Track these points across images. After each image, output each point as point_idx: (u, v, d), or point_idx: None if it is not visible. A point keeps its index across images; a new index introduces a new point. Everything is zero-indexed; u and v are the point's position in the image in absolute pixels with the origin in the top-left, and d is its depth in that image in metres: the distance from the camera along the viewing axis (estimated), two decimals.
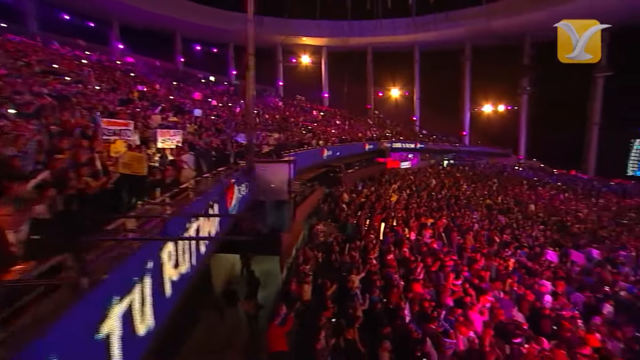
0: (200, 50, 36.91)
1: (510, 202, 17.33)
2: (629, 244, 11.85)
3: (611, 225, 14.46)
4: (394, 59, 38.98)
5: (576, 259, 9.86)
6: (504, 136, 35.75)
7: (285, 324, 5.54)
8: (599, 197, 20.18)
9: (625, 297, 7.90)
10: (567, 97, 32.55)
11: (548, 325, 6.76)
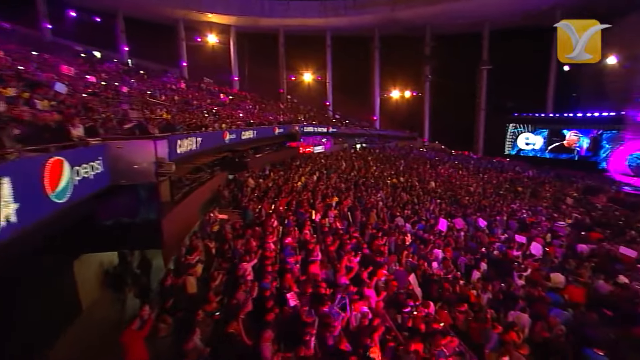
0: (76, 17, 31.04)
1: (414, 181, 18.60)
2: (503, 210, 13.64)
3: (492, 196, 16.57)
4: (306, 43, 38.86)
5: (459, 226, 10.87)
6: (410, 120, 38.98)
7: (143, 328, 4.62)
8: (485, 173, 23.13)
9: (496, 255, 8.89)
10: (460, 86, 36.80)
11: (435, 290, 7.13)
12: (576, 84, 31.43)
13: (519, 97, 33.81)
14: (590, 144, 29.74)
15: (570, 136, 30.87)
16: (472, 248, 9.30)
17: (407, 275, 7.60)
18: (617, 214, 15.56)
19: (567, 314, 6.40)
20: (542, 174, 24.43)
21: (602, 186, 21.62)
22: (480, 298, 6.93)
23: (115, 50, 31.86)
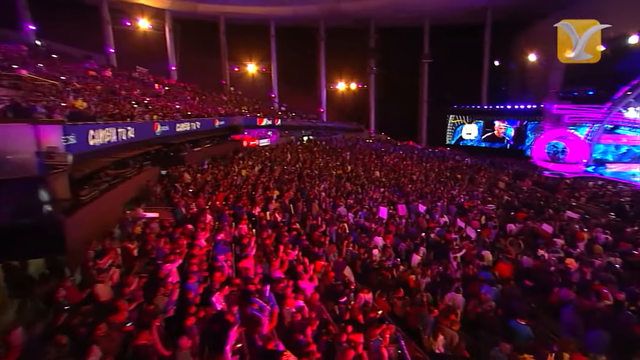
0: None
1: (359, 171, 18.78)
2: (444, 196, 14.23)
3: (433, 183, 17.27)
4: (250, 33, 37.48)
5: (402, 212, 11.06)
6: (357, 112, 39.61)
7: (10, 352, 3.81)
8: (427, 162, 24.18)
9: (434, 239, 9.13)
10: (404, 78, 38.12)
11: (374, 277, 7.04)
12: (505, 78, 34.20)
13: (458, 89, 35.99)
14: (515, 133, 32.59)
15: (499, 126, 33.62)
16: (412, 234, 9.45)
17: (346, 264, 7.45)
18: (539, 195, 17.06)
19: (496, 289, 6.67)
20: (478, 162, 26.15)
21: (527, 171, 23.70)
22: (419, 282, 6.98)
23: (16, 29, 27.61)
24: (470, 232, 9.63)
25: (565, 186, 19.51)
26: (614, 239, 10.50)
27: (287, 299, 5.53)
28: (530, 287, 7.43)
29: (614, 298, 6.85)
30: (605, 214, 13.90)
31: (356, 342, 4.60)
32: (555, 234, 10.50)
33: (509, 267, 7.90)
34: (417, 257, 7.92)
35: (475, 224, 11.03)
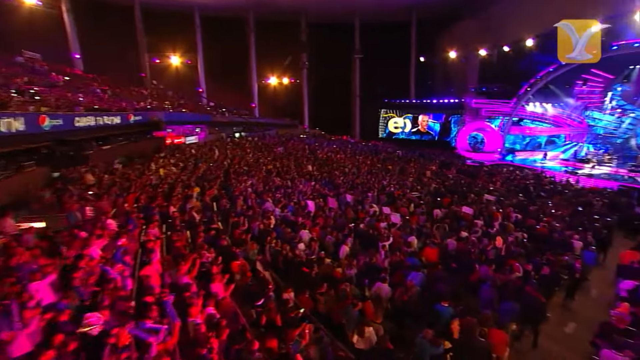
0: None
1: (290, 165, 18.31)
2: (374, 187, 14.39)
3: (365, 175, 17.49)
4: (171, 22, 34.55)
5: (332, 205, 10.82)
6: (290, 108, 39.10)
7: None
8: (360, 155, 24.64)
9: (363, 229, 8.99)
10: (337, 73, 38.55)
11: (298, 274, 6.57)
12: (431, 74, 36.48)
13: (388, 84, 37.52)
14: (441, 127, 35.05)
15: (422, 120, 35.87)
16: (341, 225, 9.19)
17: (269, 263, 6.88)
18: (462, 182, 18.30)
19: (422, 275, 6.64)
20: (409, 154, 27.45)
21: (453, 161, 25.49)
22: (346, 275, 6.67)
23: None
24: (394, 219, 9.69)
25: (484, 173, 21.28)
26: (522, 217, 11.50)
27: (192, 308, 4.76)
28: (455, 268, 7.61)
29: (524, 270, 7.31)
30: (515, 195, 15.30)
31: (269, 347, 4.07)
32: (475, 215, 11.12)
33: (435, 251, 8.02)
34: (345, 249, 7.64)
35: (404, 211, 11.21)
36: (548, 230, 10.36)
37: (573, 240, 9.51)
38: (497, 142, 29.21)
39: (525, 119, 28.91)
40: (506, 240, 8.71)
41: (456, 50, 31.69)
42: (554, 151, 27.63)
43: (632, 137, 24.57)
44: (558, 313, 7.66)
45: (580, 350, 6.23)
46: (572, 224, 11.27)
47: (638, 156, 23.05)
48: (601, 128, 26.06)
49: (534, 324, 6.36)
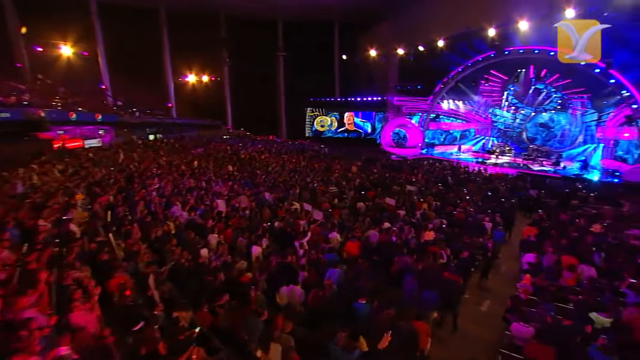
0: None
1: (209, 166, 16.93)
2: (297, 184, 13.84)
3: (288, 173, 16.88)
4: (58, 5, 29.35)
5: (244, 204, 9.97)
6: (212, 108, 36.77)
7: None
8: (286, 154, 24.07)
9: (279, 227, 8.32)
10: (260, 71, 37.28)
11: (198, 284, 5.60)
12: (355, 73, 37.30)
13: (314, 83, 37.41)
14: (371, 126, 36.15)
15: (348, 118, 36.71)
16: (255, 225, 8.38)
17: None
18: (387, 175, 18.78)
19: (340, 271, 6.16)
20: (335, 151, 27.64)
21: (378, 156, 26.29)
22: (257, 280, 5.89)
23: None
24: (316, 215, 9.22)
25: (407, 166, 22.25)
26: (441, 204, 11.96)
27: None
28: (377, 261, 7.33)
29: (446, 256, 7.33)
30: (435, 185, 16.09)
31: None
32: (398, 206, 11.22)
33: (356, 244, 7.67)
34: (257, 250, 6.85)
35: (326, 206, 10.83)
36: (464, 215, 10.86)
37: (485, 222, 10.04)
38: (418, 137, 31.03)
39: (441, 115, 31.19)
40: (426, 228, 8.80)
41: (376, 49, 32.87)
42: (467, 144, 30.30)
43: (523, 131, 28.04)
44: (475, 293, 7.89)
45: (495, 326, 6.38)
46: (483, 208, 12.03)
47: (528, 147, 26.36)
48: (501, 123, 29.29)
49: (452, 308, 6.33)
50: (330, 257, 6.64)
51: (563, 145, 25.94)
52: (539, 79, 25.69)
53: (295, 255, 6.73)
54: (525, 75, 26.32)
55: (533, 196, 15.28)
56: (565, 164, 23.57)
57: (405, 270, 6.49)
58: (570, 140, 25.70)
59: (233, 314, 4.71)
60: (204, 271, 5.74)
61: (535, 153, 25.34)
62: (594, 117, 24.17)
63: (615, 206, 13.40)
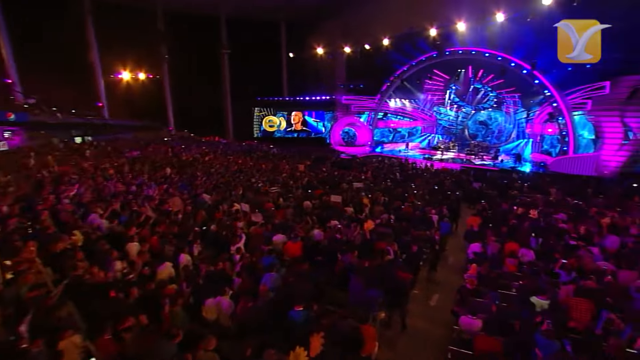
0: None
1: (143, 169, 15.46)
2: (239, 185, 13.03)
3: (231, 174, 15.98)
4: None
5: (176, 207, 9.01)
6: (151, 108, 34.03)
7: None
8: (232, 155, 23.02)
9: (214, 230, 7.53)
10: (204, 69, 35.45)
11: (103, 304, 4.67)
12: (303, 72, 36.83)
13: (261, 82, 36.32)
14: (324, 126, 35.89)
15: (295, 118, 36.23)
16: (187, 230, 7.49)
17: None
18: (336, 174, 18.55)
19: (276, 275, 5.56)
20: (284, 152, 26.99)
21: (327, 155, 26.10)
22: (183, 293, 5.09)
23: None
24: (256, 217, 8.56)
25: (356, 164, 22.28)
26: (389, 199, 11.87)
27: None
28: (321, 261, 6.84)
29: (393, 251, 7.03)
30: (384, 181, 16.13)
31: None
32: (345, 203, 10.89)
33: (298, 245, 7.11)
34: (184, 258, 6.00)
35: (269, 206, 10.19)
36: (412, 209, 10.82)
37: (431, 215, 10.05)
38: (367, 135, 31.41)
39: (389, 113, 31.86)
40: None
41: (323, 47, 32.74)
42: (414, 142, 31.30)
43: (465, 128, 29.64)
44: (424, 287, 7.72)
45: (444, 321, 6.20)
46: (430, 201, 12.16)
47: (470, 143, 27.87)
48: (445, 121, 30.69)
49: (401, 306, 6.02)
50: (269, 261, 6.01)
51: (500, 140, 27.76)
52: (477, 78, 27.23)
53: (230, 261, 6.00)
54: (464, 75, 27.75)
55: (476, 188, 15.90)
56: (502, 157, 25.20)
57: (350, 270, 6.06)
58: (505, 136, 27.60)
59: (142, 339, 3.90)
60: (113, 287, 4.79)
61: (477, 148, 26.82)
62: (524, 115, 26.18)
63: (544, 194, 14.32)
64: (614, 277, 6.42)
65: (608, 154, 19.85)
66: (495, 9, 21.24)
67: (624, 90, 18.92)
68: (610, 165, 19.72)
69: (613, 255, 7.47)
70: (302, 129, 36.50)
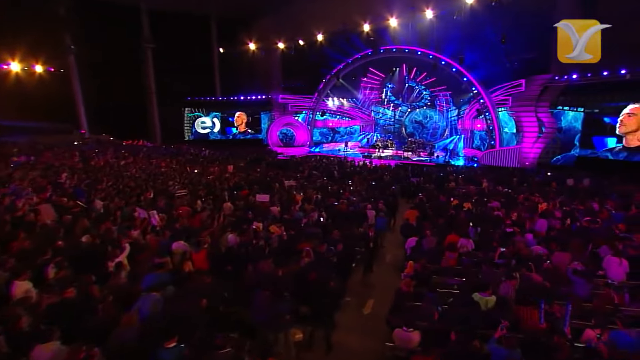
0: None
1: (26, 176, 12.79)
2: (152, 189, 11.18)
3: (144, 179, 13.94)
4: None
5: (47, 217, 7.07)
6: (55, 107, 29.17)
7: None
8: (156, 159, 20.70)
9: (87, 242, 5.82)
10: (124, 64, 31.40)
11: None
12: (237, 71, 34.83)
13: (191, 81, 33.39)
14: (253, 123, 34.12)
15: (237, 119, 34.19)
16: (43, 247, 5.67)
17: None
18: (270, 173, 17.32)
19: (156, 297, 4.14)
20: (216, 153, 25.04)
21: (263, 156, 24.67)
22: None
23: None
24: (153, 220, 6.99)
25: (293, 164, 21.27)
26: (322, 197, 10.93)
27: None
28: (231, 272, 5.53)
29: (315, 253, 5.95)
30: (320, 179, 15.27)
31: None
32: (273, 202, 9.70)
33: (202, 255, 5.72)
34: (21, 287, 4.27)
35: (185, 210, 8.63)
36: (346, 206, 9.99)
37: (367, 210, 9.27)
38: (306, 135, 30.56)
39: (327, 112, 31.33)
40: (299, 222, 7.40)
41: (255, 43, 31.22)
42: (353, 141, 31.16)
43: (402, 127, 30.23)
44: (357, 293, 6.76)
45: (378, 332, 5.20)
46: (366, 197, 11.47)
47: (407, 141, 28.41)
48: (382, 120, 31.04)
49: (325, 320, 4.89)
50: (150, 280, 4.52)
51: (435, 137, 28.68)
52: (410, 77, 27.83)
53: (92, 284, 4.42)
54: (399, 74, 28.21)
55: (414, 183, 15.81)
56: (438, 153, 25.97)
57: (260, 281, 4.82)
58: (439, 133, 28.59)
59: None
60: None
61: (414, 145, 27.37)
62: (455, 113, 27.32)
63: (477, 185, 14.60)
64: (550, 261, 6.14)
65: (527, 146, 21.24)
66: (424, 6, 21.67)
67: (536, 88, 20.50)
68: (530, 157, 21.12)
69: (543, 238, 7.45)
70: (247, 130, 34.38)
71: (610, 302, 4.77)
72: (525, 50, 21.31)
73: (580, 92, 19.74)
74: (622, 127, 17.79)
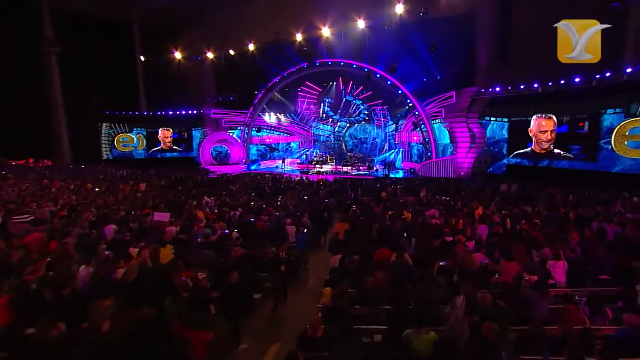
0: None
1: None
2: None
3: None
4: None
5: None
6: None
7: None
8: (51, 180, 17.33)
9: None
10: (17, 69, 26.70)
11: None
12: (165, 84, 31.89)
13: (110, 92, 29.62)
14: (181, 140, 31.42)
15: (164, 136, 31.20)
16: None
17: None
18: (194, 192, 15.27)
19: None
20: (136, 173, 22.15)
21: (192, 175, 22.25)
22: None
23: None
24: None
25: (223, 182, 19.34)
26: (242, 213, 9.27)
27: None
28: None
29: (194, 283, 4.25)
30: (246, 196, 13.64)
31: None
32: (171, 221, 7.82)
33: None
34: None
35: (37, 236, 6.42)
36: (264, 223, 8.42)
37: (286, 225, 7.76)
38: (241, 153, 28.61)
39: (264, 128, 29.77)
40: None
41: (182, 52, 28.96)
42: (291, 157, 29.86)
43: (342, 142, 29.76)
44: (258, 335, 5.11)
45: None
46: (292, 212, 10.02)
47: (347, 156, 27.90)
48: (322, 136, 30.29)
49: None
50: None
51: (374, 152, 28.49)
52: (347, 91, 27.57)
53: None
54: (336, 88, 27.82)
55: (351, 196, 14.91)
56: (377, 167, 25.63)
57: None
58: (378, 148, 28.48)
59: None
60: None
61: (353, 159, 26.84)
62: (392, 127, 27.43)
63: (415, 195, 14.05)
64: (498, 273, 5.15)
65: (461, 156, 21.64)
66: (356, 16, 21.56)
67: (466, 99, 21.15)
68: (464, 167, 21.50)
69: (484, 244, 6.74)
70: (173, 147, 31.38)
71: (579, 321, 3.75)
72: (453, 62, 22.07)
73: (505, 104, 20.77)
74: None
